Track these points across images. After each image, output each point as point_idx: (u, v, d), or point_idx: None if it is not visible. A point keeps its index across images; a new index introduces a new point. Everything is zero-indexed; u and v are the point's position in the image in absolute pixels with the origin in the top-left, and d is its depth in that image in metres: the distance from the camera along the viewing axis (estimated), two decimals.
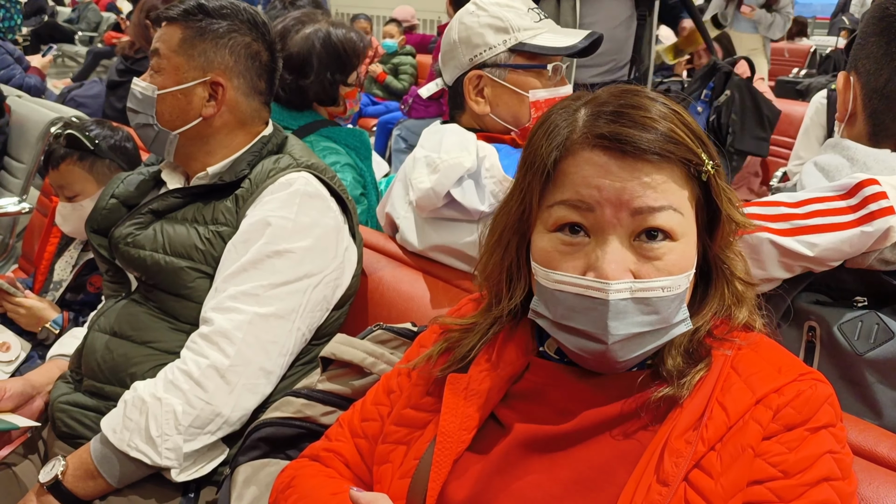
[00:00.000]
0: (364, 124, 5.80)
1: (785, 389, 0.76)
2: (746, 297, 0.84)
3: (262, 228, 1.25)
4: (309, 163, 1.35)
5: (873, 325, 1.00)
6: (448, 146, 1.37)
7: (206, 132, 1.35)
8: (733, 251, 0.84)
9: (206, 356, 1.18)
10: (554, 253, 0.78)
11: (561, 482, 0.78)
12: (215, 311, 1.21)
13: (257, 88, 1.39)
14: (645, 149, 0.75)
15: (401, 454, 0.86)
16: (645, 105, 0.77)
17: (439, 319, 0.95)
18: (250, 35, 1.36)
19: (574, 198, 0.77)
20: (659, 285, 0.75)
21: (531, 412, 0.84)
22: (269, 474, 1.04)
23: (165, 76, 1.33)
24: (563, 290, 0.77)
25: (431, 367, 0.90)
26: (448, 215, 1.36)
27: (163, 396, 1.16)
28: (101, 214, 1.43)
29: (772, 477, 0.72)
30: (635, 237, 0.76)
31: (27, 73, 4.49)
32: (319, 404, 1.10)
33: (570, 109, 0.81)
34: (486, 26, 1.44)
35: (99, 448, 1.18)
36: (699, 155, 0.77)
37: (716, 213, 0.81)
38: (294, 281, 1.25)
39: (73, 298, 1.87)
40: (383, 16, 8.05)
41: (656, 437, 0.76)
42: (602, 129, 0.76)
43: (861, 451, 0.89)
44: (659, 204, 0.75)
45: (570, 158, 0.78)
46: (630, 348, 0.76)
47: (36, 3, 10.02)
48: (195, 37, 1.33)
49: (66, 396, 1.33)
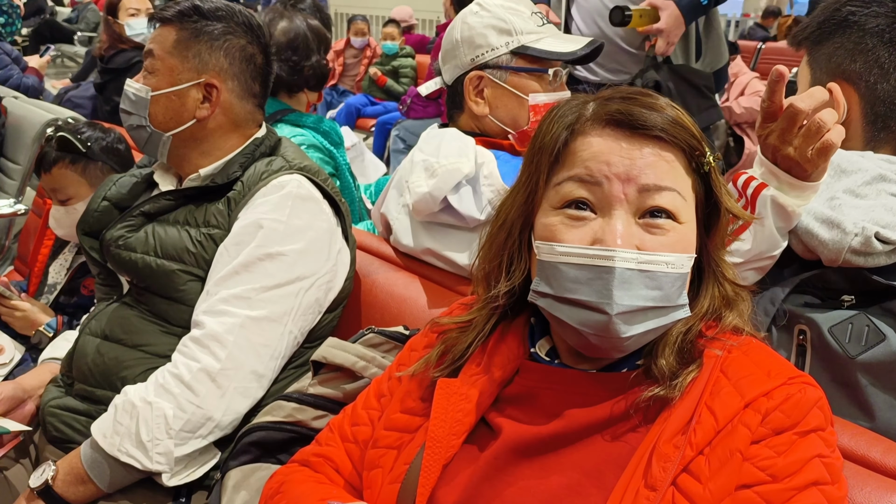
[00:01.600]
0: (363, 124, 5.82)
1: (774, 393, 0.75)
2: (737, 301, 0.85)
3: (253, 231, 1.24)
4: (302, 165, 1.35)
5: (864, 327, 1.01)
6: (447, 151, 1.37)
7: (199, 134, 1.35)
8: (725, 253, 0.86)
9: (197, 360, 1.17)
10: (560, 226, 0.80)
11: (551, 488, 0.77)
12: (207, 314, 1.21)
13: (251, 91, 1.39)
14: (654, 126, 0.78)
15: (391, 459, 0.86)
16: (652, 95, 0.82)
17: (435, 321, 0.95)
18: (246, 38, 1.36)
19: (583, 172, 0.79)
20: (664, 259, 0.77)
21: (522, 416, 0.83)
22: (259, 479, 1.04)
23: (159, 77, 1.33)
24: (567, 261, 0.78)
25: (427, 370, 0.90)
26: (444, 220, 1.36)
27: (153, 401, 1.15)
28: (92, 217, 1.43)
29: (760, 481, 0.72)
30: (640, 216, 0.78)
31: (25, 73, 4.49)
32: (311, 408, 1.10)
33: (580, 101, 0.85)
34: (490, 27, 1.44)
35: (89, 453, 1.18)
36: (702, 144, 0.80)
37: (714, 208, 0.83)
38: (286, 284, 1.24)
39: (67, 301, 1.87)
40: (382, 16, 8.04)
41: (645, 441, 0.76)
42: (613, 108, 0.80)
43: (853, 455, 0.89)
44: (665, 183, 0.78)
45: (579, 138, 0.82)
46: (632, 323, 0.76)
47: (35, 3, 10.02)
48: (190, 38, 1.32)
49: (56, 401, 1.33)
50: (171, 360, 1.20)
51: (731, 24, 9.71)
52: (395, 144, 4.76)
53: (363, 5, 9.11)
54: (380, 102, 5.90)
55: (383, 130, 5.32)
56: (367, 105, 5.92)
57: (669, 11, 2.06)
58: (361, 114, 5.87)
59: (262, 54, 1.39)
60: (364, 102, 5.93)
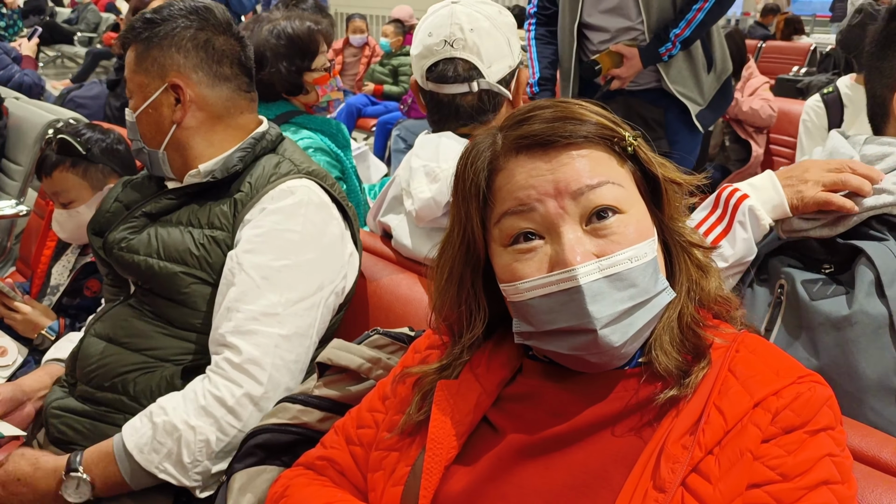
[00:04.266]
0: (363, 124, 5.82)
1: (783, 392, 0.75)
2: (710, 267, 0.86)
3: (268, 242, 1.23)
4: (310, 169, 1.34)
5: (832, 284, 1.08)
6: (446, 155, 1.37)
7: (184, 137, 1.33)
8: (683, 221, 0.86)
9: (240, 384, 1.16)
10: (515, 265, 0.79)
11: (556, 487, 0.77)
12: (237, 335, 1.18)
13: (221, 75, 1.34)
14: (564, 136, 0.78)
15: (393, 461, 0.86)
16: (552, 104, 0.81)
17: (405, 372, 0.93)
18: (193, 26, 1.32)
19: (515, 205, 0.79)
20: (624, 256, 0.76)
21: (524, 415, 0.83)
22: (265, 481, 1.04)
23: (136, 97, 1.34)
24: (534, 295, 0.77)
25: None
26: (446, 225, 1.36)
27: (196, 425, 1.14)
28: (104, 217, 1.42)
29: (770, 480, 0.72)
30: (586, 222, 0.78)
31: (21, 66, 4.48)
32: (316, 410, 1.09)
33: (489, 135, 0.85)
34: (504, 24, 1.48)
35: (127, 467, 1.16)
36: (616, 130, 0.80)
37: (655, 182, 0.82)
38: (310, 295, 1.24)
39: (70, 303, 1.86)
40: (382, 15, 8.04)
41: (652, 441, 0.75)
42: (518, 133, 0.79)
43: (863, 456, 0.88)
44: (596, 181, 0.77)
45: (499, 174, 0.81)
46: (622, 330, 0.76)
47: (35, 3, 10.02)
48: (144, 50, 1.32)
49: (59, 401, 1.32)
50: (209, 378, 1.18)
51: (731, 22, 9.70)
52: (395, 144, 4.75)
53: (363, 5, 9.11)
54: (380, 102, 5.91)
55: (384, 130, 5.32)
56: (368, 105, 5.92)
57: (633, 63, 2.21)
58: (362, 114, 5.87)
59: (219, 35, 1.34)
60: (365, 102, 5.94)
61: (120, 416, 1.27)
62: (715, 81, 2.34)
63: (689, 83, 2.27)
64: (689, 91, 2.27)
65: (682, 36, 2.17)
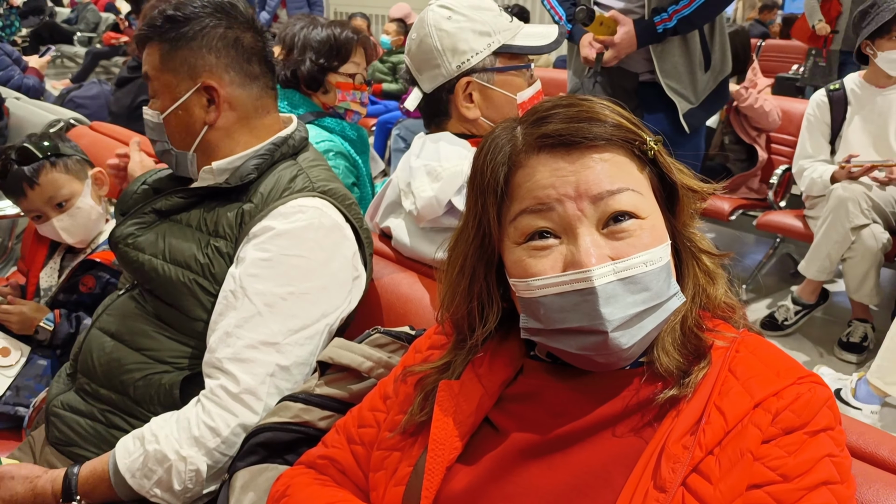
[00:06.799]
0: (363, 123, 5.76)
1: (784, 393, 0.75)
2: (718, 274, 0.86)
3: (274, 268, 1.19)
4: (326, 188, 1.29)
5: None
6: (447, 154, 1.37)
7: (215, 138, 1.31)
8: (694, 226, 0.86)
9: (235, 414, 1.14)
10: (528, 261, 0.79)
11: (557, 487, 0.77)
12: (235, 363, 1.16)
13: (251, 74, 1.33)
14: (587, 137, 0.77)
15: (395, 461, 0.86)
16: (575, 102, 0.80)
17: (408, 370, 0.93)
18: (222, 25, 1.30)
19: (533, 203, 0.78)
20: (640, 260, 0.76)
21: (526, 415, 0.83)
22: (267, 480, 1.04)
23: (163, 98, 1.31)
24: (547, 293, 0.77)
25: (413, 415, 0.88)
26: (447, 224, 1.37)
27: (187, 455, 1.13)
28: (130, 199, 1.41)
29: (771, 481, 0.72)
30: (603, 225, 0.77)
31: (25, 73, 4.49)
32: (317, 409, 1.09)
33: (508, 128, 0.83)
34: (468, 31, 1.43)
35: (121, 487, 1.16)
36: (640, 134, 0.79)
37: (672, 188, 0.82)
38: (312, 324, 1.21)
39: (67, 299, 1.84)
40: (382, 15, 8.04)
41: (653, 441, 0.76)
42: (542, 131, 0.79)
43: (861, 453, 0.89)
44: (616, 186, 0.77)
45: (519, 171, 0.80)
46: (631, 333, 0.76)
47: (34, 3, 10.01)
48: (172, 49, 1.28)
49: (61, 397, 1.32)
50: (203, 407, 1.16)
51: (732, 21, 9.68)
52: (395, 143, 4.75)
53: (363, 4, 9.10)
54: (380, 101, 5.90)
55: (384, 130, 5.31)
56: (368, 104, 5.90)
57: (627, 29, 2.17)
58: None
59: (246, 32, 1.32)
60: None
61: (119, 418, 1.28)
62: (711, 81, 2.32)
63: (684, 79, 2.25)
64: (682, 87, 2.25)
65: (681, 13, 2.13)
